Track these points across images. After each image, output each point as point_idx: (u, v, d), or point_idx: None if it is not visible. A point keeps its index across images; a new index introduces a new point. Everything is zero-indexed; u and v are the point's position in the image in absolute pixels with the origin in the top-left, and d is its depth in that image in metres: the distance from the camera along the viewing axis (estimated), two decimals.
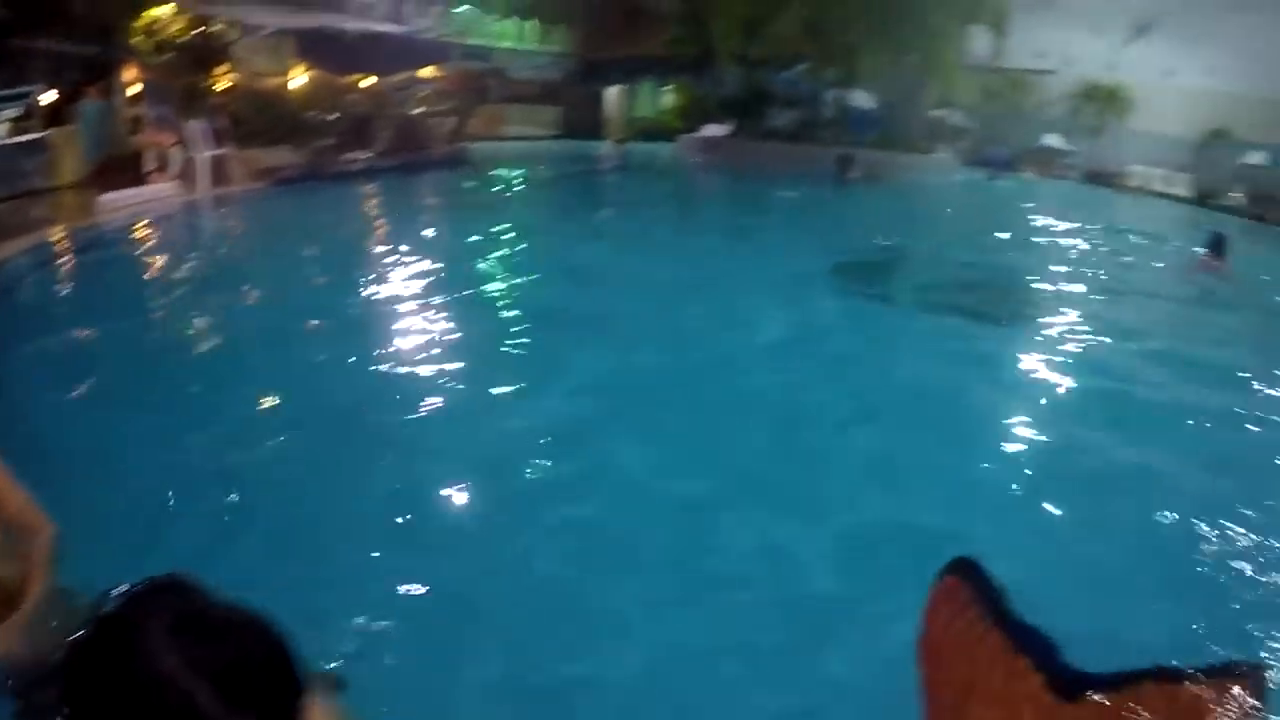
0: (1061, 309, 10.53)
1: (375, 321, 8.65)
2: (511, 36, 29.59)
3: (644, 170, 23.56)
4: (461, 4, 27.50)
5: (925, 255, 13.82)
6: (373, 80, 21.25)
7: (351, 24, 20.97)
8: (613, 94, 30.89)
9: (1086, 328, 9.67)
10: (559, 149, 26.11)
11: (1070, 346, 8.85)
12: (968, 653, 1.99)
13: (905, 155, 27.07)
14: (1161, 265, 15.03)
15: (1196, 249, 13.47)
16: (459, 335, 8.14)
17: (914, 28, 25.22)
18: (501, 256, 11.67)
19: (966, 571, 2.14)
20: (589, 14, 28.93)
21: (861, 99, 28.82)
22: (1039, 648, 1.99)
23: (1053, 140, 33.20)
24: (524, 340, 8.00)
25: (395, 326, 8.46)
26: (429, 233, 13.90)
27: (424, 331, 8.27)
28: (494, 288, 9.91)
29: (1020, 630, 2.02)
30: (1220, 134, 30.96)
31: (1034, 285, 12.24)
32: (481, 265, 10.82)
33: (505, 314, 9.11)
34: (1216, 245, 12.64)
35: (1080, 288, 12.02)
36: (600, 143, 28.06)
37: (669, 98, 31.71)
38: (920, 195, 23.54)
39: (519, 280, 10.31)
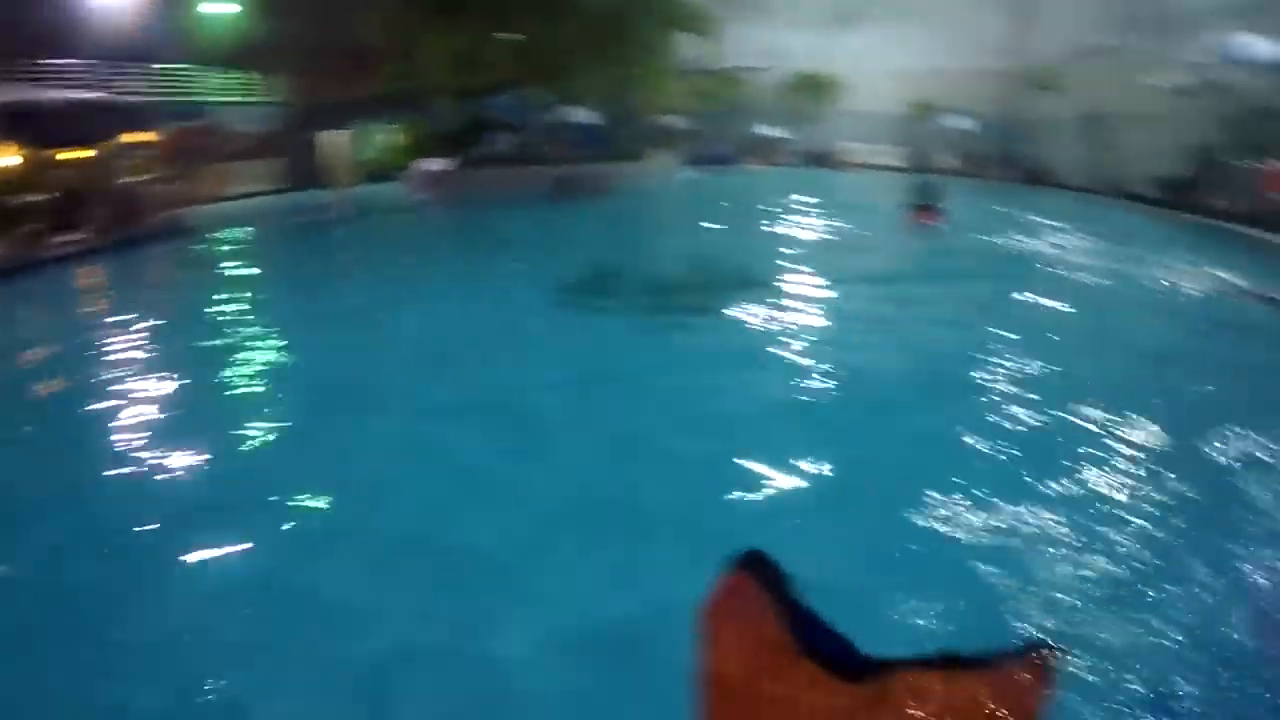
0: (797, 279, 10.77)
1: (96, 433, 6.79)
2: (230, 90, 27.73)
3: (370, 214, 22.70)
4: (174, 62, 25.45)
5: (654, 258, 13.80)
6: (82, 153, 18.92)
7: (52, 94, 19.43)
8: (337, 138, 29.24)
9: (822, 286, 10.31)
10: (285, 202, 24.64)
11: (808, 312, 9.08)
12: (750, 643, 1.93)
13: (627, 165, 27.86)
14: (880, 226, 16.15)
15: (908, 206, 15.12)
16: (190, 425, 6.77)
17: (624, 41, 25.53)
18: (229, 328, 10.04)
19: (752, 564, 2.05)
20: (306, 59, 27.22)
21: (581, 114, 28.49)
22: (824, 636, 1.94)
23: (772, 131, 34.67)
24: (260, 424, 6.73)
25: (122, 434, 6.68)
26: (147, 318, 11.20)
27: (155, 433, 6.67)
28: (227, 367, 8.44)
29: (806, 619, 1.96)
30: (924, 106, 33.28)
31: (768, 264, 12.23)
32: (208, 342, 9.32)
33: (244, 392, 7.84)
34: (927, 197, 14.60)
35: (811, 255, 12.63)
36: (327, 190, 26.68)
37: (393, 136, 30.73)
38: (644, 201, 24.25)
39: (248, 354, 8.94)
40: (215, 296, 11.52)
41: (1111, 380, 6.92)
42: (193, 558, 4.67)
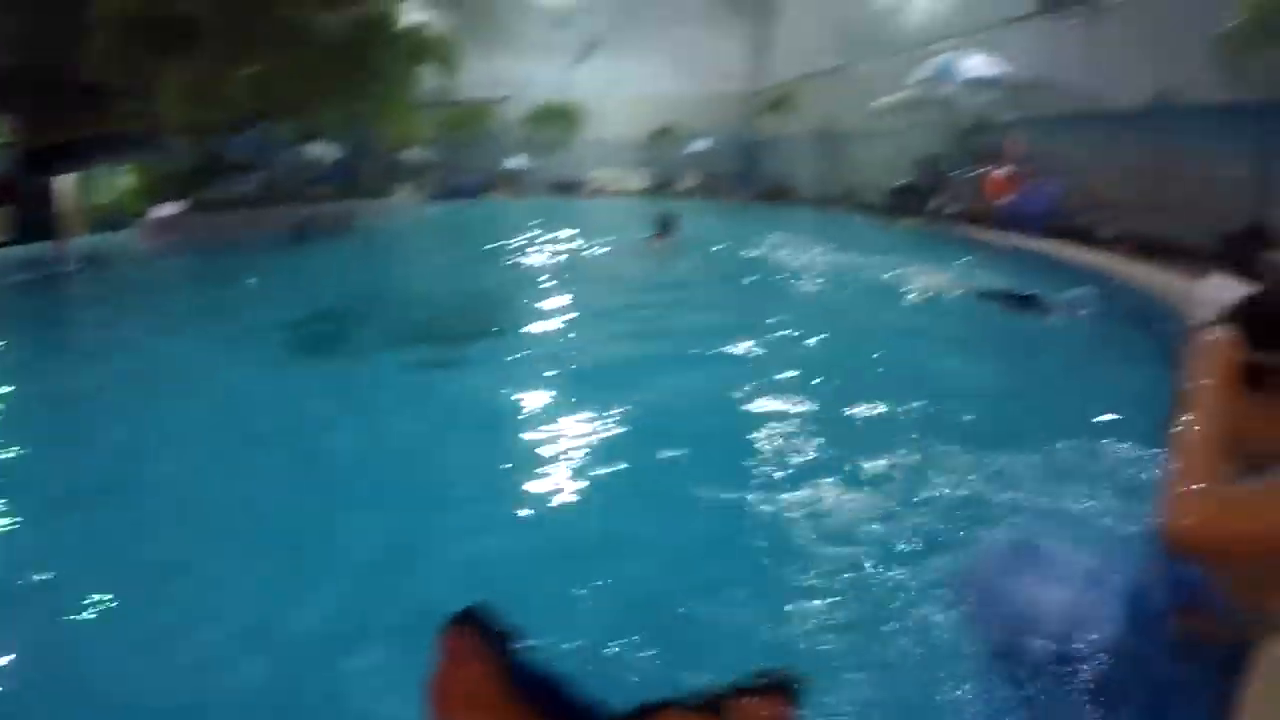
0: (540, 311, 10.42)
1: None
2: None
3: (98, 267, 19.92)
4: None
5: (393, 300, 12.67)
6: None
7: None
8: (67, 183, 25.84)
9: (567, 316, 10.00)
10: (6, 257, 21.11)
11: (553, 345, 8.52)
12: (474, 701, 1.96)
13: (370, 201, 26.57)
14: (623, 250, 16.15)
15: (648, 231, 15.16)
16: None
17: (366, 73, 24.29)
18: None
19: (472, 620, 2.06)
20: (33, 95, 24.24)
21: (323, 151, 26.98)
22: (552, 689, 1.96)
23: (517, 162, 34.47)
24: None
25: None
26: None
27: None
28: None
29: (531, 673, 1.97)
30: (666, 131, 34.49)
31: (511, 298, 11.86)
32: None
33: None
34: (664, 225, 14.83)
35: (555, 286, 12.30)
36: (55, 241, 23.25)
37: (126, 179, 27.86)
38: (389, 239, 23.13)
39: None
40: None
41: (856, 378, 6.62)
42: None
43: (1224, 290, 9.13)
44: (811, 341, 8.22)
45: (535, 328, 9.61)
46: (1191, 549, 1.65)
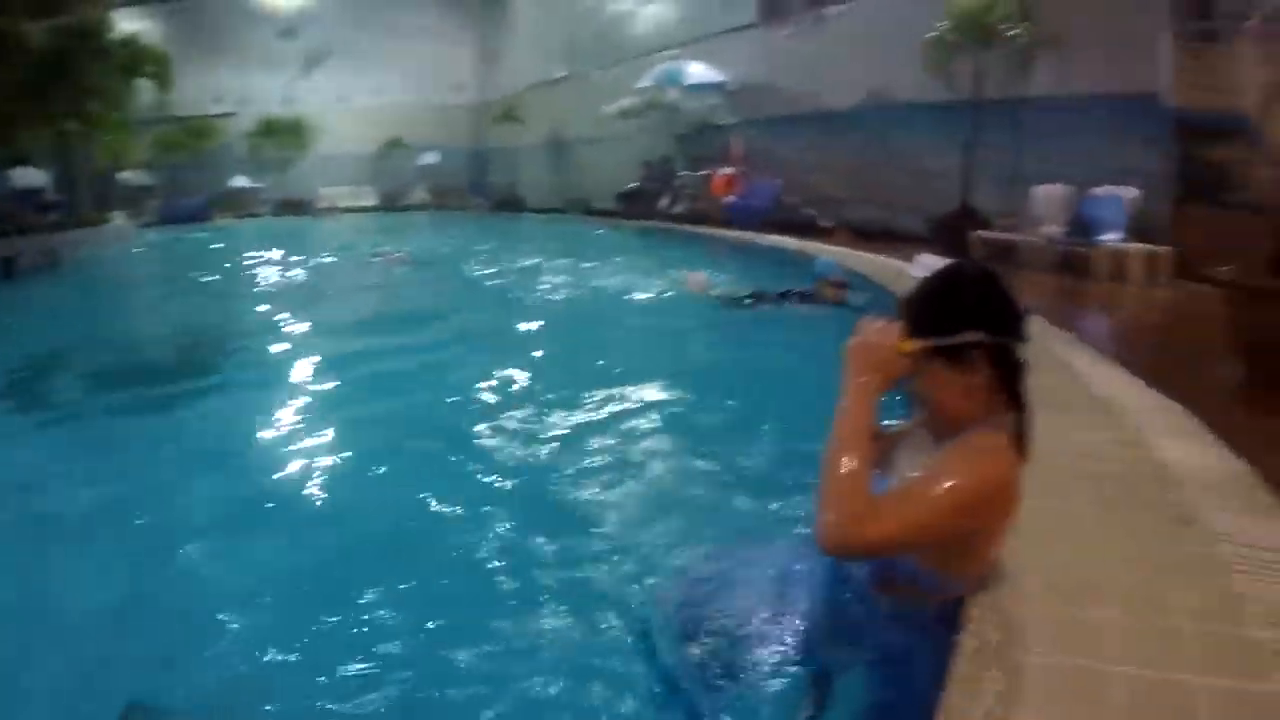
0: (274, 340, 9.24)
1: None
2: None
3: None
4: None
5: (111, 337, 11.03)
6: None
7: None
8: None
9: (296, 342, 9.15)
10: None
11: (282, 372, 7.71)
12: None
13: (84, 230, 23.13)
14: (354, 268, 15.93)
15: (380, 244, 15.74)
16: None
17: (74, 89, 21.50)
18: None
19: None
20: None
21: (30, 176, 23.70)
22: None
23: (242, 181, 31.95)
24: None
25: None
26: None
27: None
28: None
29: None
30: (396, 143, 33.33)
31: (235, 329, 10.75)
32: None
33: None
34: (396, 257, 14.90)
35: (281, 312, 11.13)
36: None
37: None
38: (103, 270, 20.48)
39: None
40: None
41: (588, 379, 6.35)
42: None
43: (932, 269, 9.21)
44: (541, 346, 7.99)
45: (262, 356, 8.85)
46: (844, 555, 1.88)
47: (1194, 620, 2.18)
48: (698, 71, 18.90)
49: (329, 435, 5.35)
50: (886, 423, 2.14)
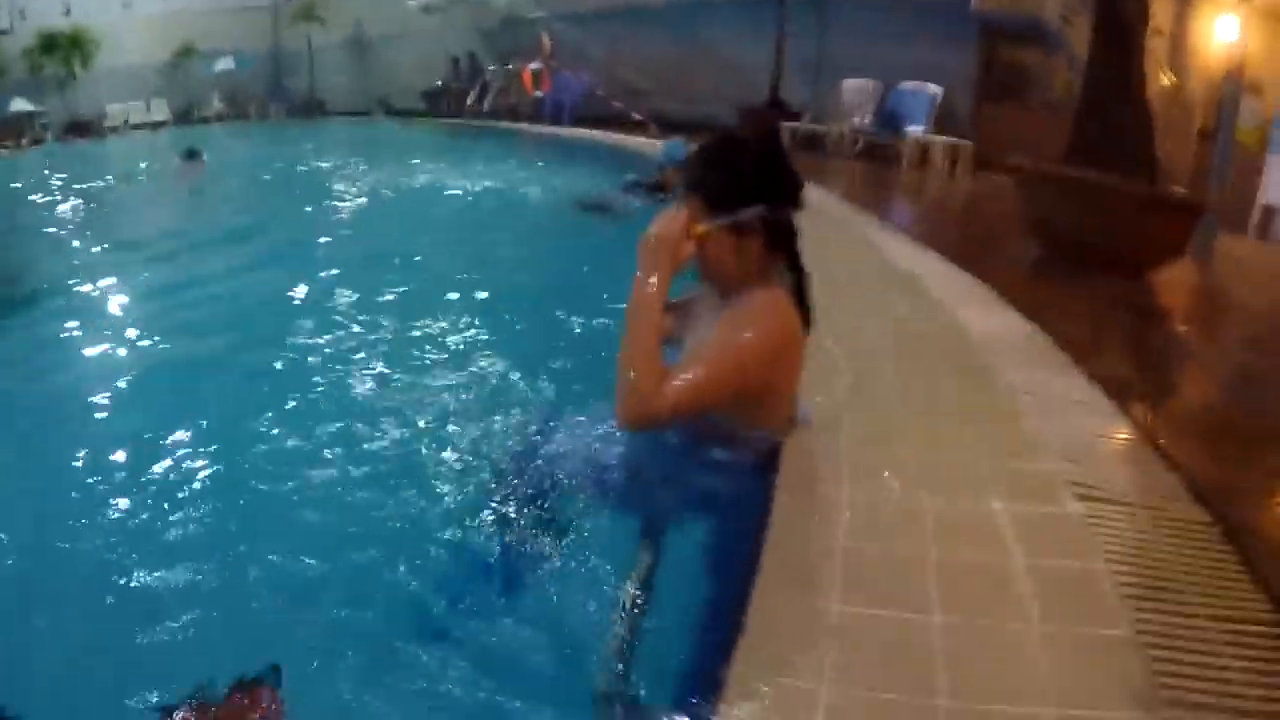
0: (72, 274, 7.96)
1: None
2: None
3: None
4: None
5: None
6: None
7: None
8: None
9: (95, 268, 8.11)
10: None
11: (84, 301, 7.08)
12: None
13: None
14: (153, 186, 14.88)
15: (175, 160, 14.45)
16: None
17: None
18: None
19: None
20: None
21: None
22: None
23: (21, 104, 27.97)
24: None
25: None
26: None
27: None
28: None
29: None
30: (188, 50, 30.23)
31: (26, 263, 9.43)
32: None
33: None
34: (190, 154, 14.02)
35: (75, 240, 10.19)
36: None
37: None
38: None
39: None
40: None
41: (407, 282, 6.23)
42: None
43: None
44: (355, 252, 7.66)
45: (61, 286, 8.04)
46: (646, 427, 2.01)
47: (991, 457, 2.27)
48: None
49: (145, 364, 5.04)
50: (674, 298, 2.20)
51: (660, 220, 1.97)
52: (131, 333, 6.09)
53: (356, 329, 5.01)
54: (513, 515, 2.27)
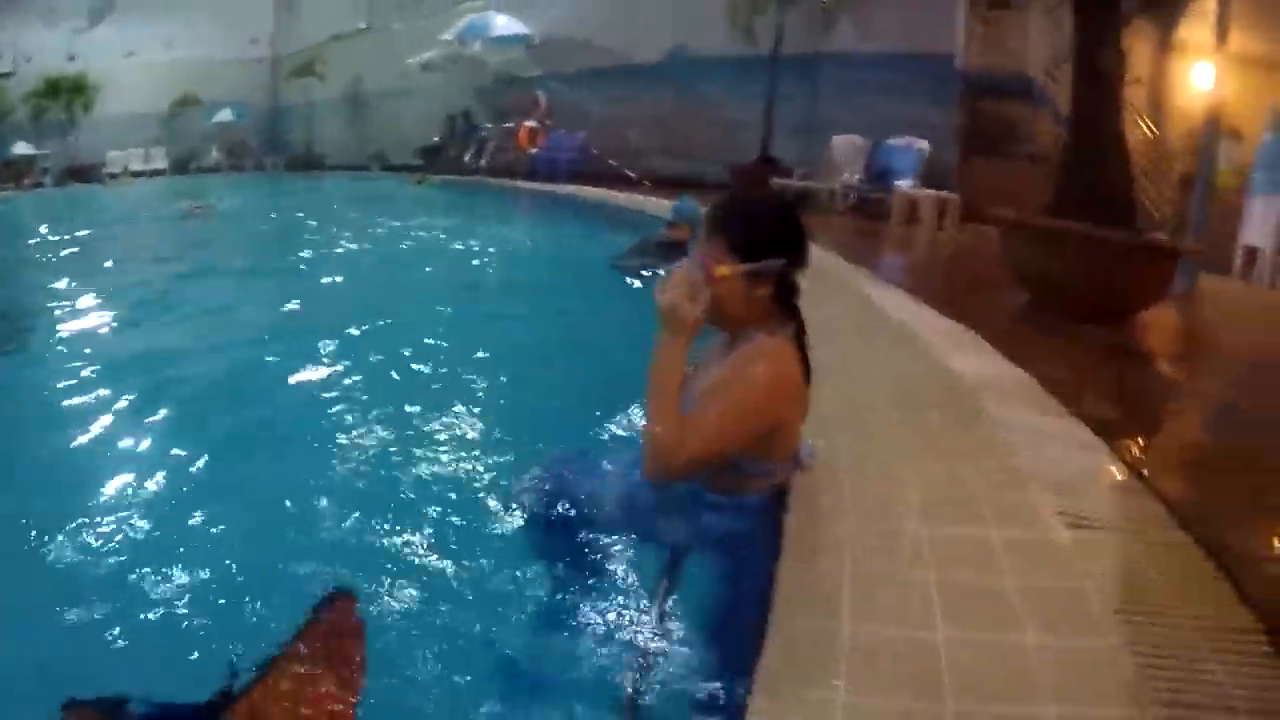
0: (75, 313, 8.00)
1: None
2: None
3: None
4: None
5: None
6: None
7: None
8: None
9: (100, 316, 7.92)
10: None
11: (87, 343, 6.91)
12: None
13: None
14: (159, 231, 14.88)
15: (183, 204, 15.15)
16: None
17: None
18: None
19: (79, 704, 1.83)
20: None
21: None
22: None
23: (22, 147, 28.06)
24: None
25: None
26: None
27: None
28: None
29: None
30: (188, 100, 30.71)
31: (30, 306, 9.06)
32: None
33: None
34: (195, 203, 14.65)
35: (92, 285, 9.64)
36: None
37: None
38: None
39: None
40: None
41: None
42: None
43: None
44: (350, 302, 7.68)
45: (63, 329, 7.91)
46: (672, 478, 2.13)
47: (986, 489, 2.42)
48: (503, 24, 18.65)
49: (140, 400, 4.87)
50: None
51: (675, 283, 2.10)
52: (133, 374, 5.94)
53: (395, 375, 4.94)
54: (541, 547, 2.41)
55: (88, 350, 6.78)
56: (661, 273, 6.53)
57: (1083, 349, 4.63)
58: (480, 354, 5.27)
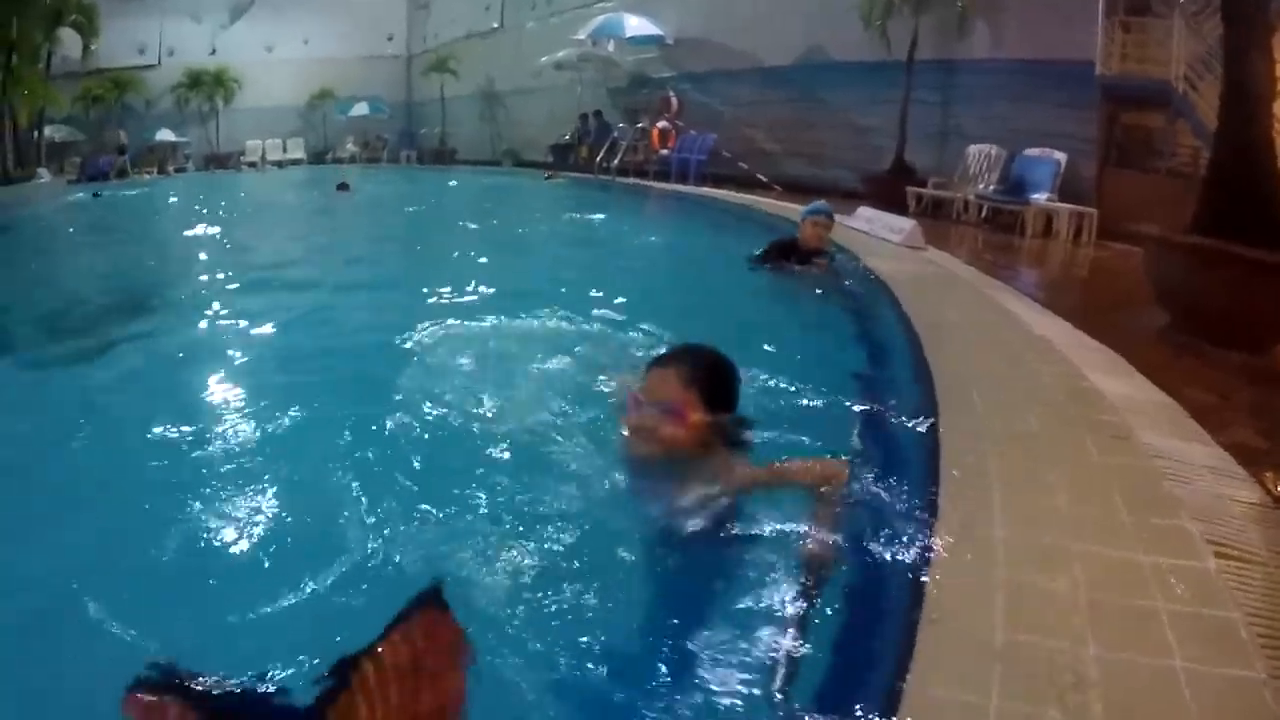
0: (228, 289, 8.41)
1: None
2: None
3: None
4: None
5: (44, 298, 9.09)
6: None
7: None
8: None
9: (249, 293, 8.08)
10: None
11: (238, 316, 6.76)
12: None
13: (9, 188, 21.57)
14: (308, 211, 15.81)
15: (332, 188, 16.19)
16: None
17: None
18: None
19: (149, 682, 1.78)
20: None
21: None
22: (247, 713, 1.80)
23: (166, 134, 29.73)
24: None
25: None
26: None
27: None
28: None
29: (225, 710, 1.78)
30: (325, 95, 32.18)
31: (178, 283, 9.36)
32: None
33: None
34: (342, 185, 16.30)
35: (226, 263, 10.35)
36: None
37: None
38: (30, 233, 17.44)
39: None
40: None
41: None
42: None
43: (873, 221, 9.47)
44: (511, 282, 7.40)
45: (222, 305, 7.65)
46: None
47: (1132, 511, 2.49)
48: (637, 24, 18.79)
49: (281, 380, 4.83)
50: None
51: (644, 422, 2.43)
52: (273, 339, 6.05)
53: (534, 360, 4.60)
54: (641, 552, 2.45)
55: (238, 323, 6.74)
56: (796, 269, 6.70)
57: (1227, 373, 4.55)
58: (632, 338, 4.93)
